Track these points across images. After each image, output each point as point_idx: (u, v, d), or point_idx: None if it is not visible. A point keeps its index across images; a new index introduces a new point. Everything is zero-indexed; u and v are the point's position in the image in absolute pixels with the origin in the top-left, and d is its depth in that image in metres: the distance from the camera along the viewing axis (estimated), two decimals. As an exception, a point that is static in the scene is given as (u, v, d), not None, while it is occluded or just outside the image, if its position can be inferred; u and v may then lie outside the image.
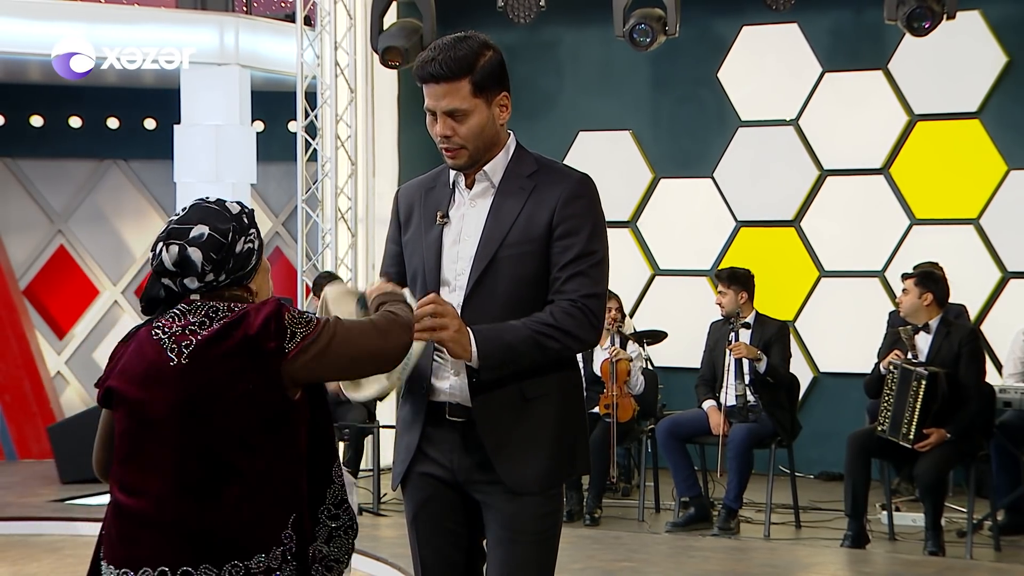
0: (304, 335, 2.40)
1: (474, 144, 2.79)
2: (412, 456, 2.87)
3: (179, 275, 2.44)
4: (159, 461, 2.41)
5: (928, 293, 6.45)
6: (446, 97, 2.75)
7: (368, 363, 2.50)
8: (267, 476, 2.40)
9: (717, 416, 6.96)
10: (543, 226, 2.78)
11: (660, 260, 9.23)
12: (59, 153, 10.61)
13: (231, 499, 2.38)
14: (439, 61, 2.74)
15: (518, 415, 2.79)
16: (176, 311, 2.46)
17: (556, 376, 2.84)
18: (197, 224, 2.44)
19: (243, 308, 2.44)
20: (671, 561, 6.10)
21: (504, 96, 2.82)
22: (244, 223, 2.49)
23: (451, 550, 2.89)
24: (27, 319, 9.94)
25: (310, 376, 2.43)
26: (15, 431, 9.26)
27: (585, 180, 2.85)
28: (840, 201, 8.79)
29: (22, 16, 8.92)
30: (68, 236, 10.76)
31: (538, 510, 2.81)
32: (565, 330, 2.76)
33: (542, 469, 2.80)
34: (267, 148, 10.02)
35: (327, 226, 9.19)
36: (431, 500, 2.87)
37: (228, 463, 2.38)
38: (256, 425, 2.40)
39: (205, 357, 2.39)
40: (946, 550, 6.24)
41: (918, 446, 6.22)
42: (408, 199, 2.95)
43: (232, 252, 2.45)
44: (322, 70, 9.19)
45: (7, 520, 6.95)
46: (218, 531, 2.37)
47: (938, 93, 8.55)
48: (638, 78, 9.21)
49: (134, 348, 2.47)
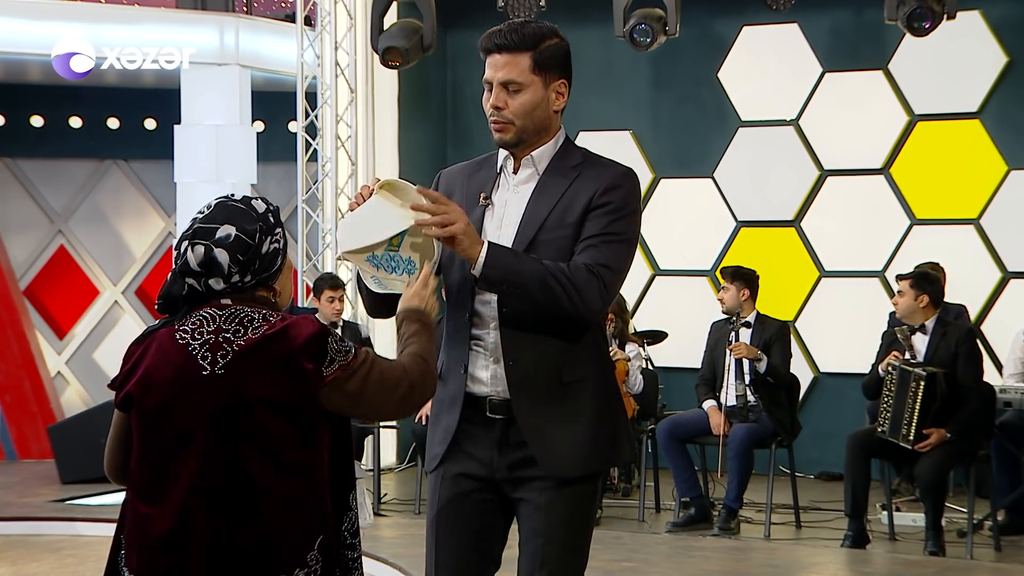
0: (342, 364, 2.36)
1: (523, 121, 2.80)
2: (448, 447, 2.83)
3: (204, 276, 2.38)
4: (183, 472, 2.34)
5: (924, 295, 6.46)
6: (505, 68, 2.78)
7: (391, 412, 2.47)
8: (294, 495, 2.34)
9: (717, 416, 6.96)
10: (580, 211, 2.78)
11: (660, 260, 9.23)
12: (59, 153, 10.61)
13: (256, 516, 2.32)
14: (506, 32, 2.79)
15: (556, 399, 2.77)
16: (205, 315, 2.38)
17: (592, 361, 2.82)
18: (224, 224, 2.39)
19: (281, 319, 2.38)
20: (671, 561, 6.09)
21: (562, 83, 2.84)
22: (270, 223, 2.44)
23: (469, 553, 2.85)
24: (27, 319, 9.94)
25: (336, 407, 2.39)
26: (15, 431, 9.26)
27: (629, 173, 2.86)
28: (840, 201, 8.79)
29: (22, 16, 8.92)
30: (68, 236, 10.76)
31: (572, 504, 2.78)
32: (574, 283, 2.71)
33: (582, 453, 2.77)
34: (267, 148, 10.02)
35: (327, 226, 9.18)
36: (458, 499, 2.83)
37: (256, 479, 2.32)
38: (287, 442, 2.34)
39: (241, 368, 2.33)
40: (946, 550, 6.24)
41: (918, 446, 6.22)
42: (451, 180, 2.94)
43: (259, 253, 2.41)
44: (322, 70, 9.19)
45: (7, 520, 6.95)
46: (242, 549, 2.32)
47: (938, 93, 8.55)
48: (638, 78, 9.21)
49: (157, 352, 2.39)
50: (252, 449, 2.33)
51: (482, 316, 2.79)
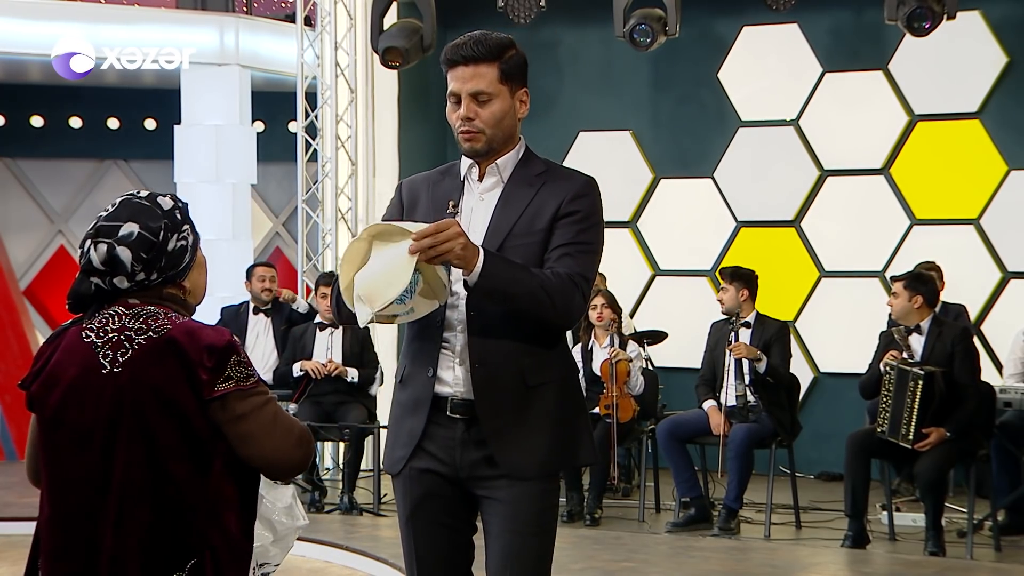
0: (239, 383, 2.31)
1: (492, 131, 2.84)
2: (413, 449, 2.87)
3: (108, 274, 2.34)
4: (79, 473, 2.31)
5: (918, 295, 6.46)
6: (473, 79, 2.82)
7: (287, 450, 2.36)
8: (170, 509, 2.30)
9: (717, 416, 6.96)
10: (548, 219, 2.84)
11: (660, 260, 9.22)
12: (59, 153, 10.62)
13: (133, 522, 2.28)
14: (470, 44, 2.83)
15: (519, 402, 2.82)
16: (112, 314, 2.36)
17: (557, 364, 2.89)
18: (127, 222, 2.35)
19: (186, 323, 2.35)
20: (671, 561, 6.09)
21: (525, 92, 2.90)
22: (176, 219, 2.40)
23: (446, 546, 2.91)
24: (27, 319, 9.94)
25: (222, 424, 2.32)
26: (15, 431, 9.26)
27: (592, 182, 2.93)
28: (840, 201, 8.79)
29: (22, 16, 8.93)
30: (68, 236, 10.77)
31: (537, 502, 2.84)
32: (560, 293, 2.77)
33: (542, 455, 2.83)
34: (267, 148, 10.03)
35: (327, 226, 9.18)
36: (429, 496, 2.88)
37: (138, 484, 2.28)
38: (173, 451, 2.29)
39: (139, 366, 2.30)
40: (946, 550, 6.24)
41: (918, 446, 6.22)
42: (413, 189, 2.98)
43: (164, 251, 2.36)
44: (322, 70, 9.19)
45: (8, 520, 6.96)
46: (120, 555, 2.27)
47: (938, 93, 8.55)
48: (638, 78, 9.21)
49: (63, 351, 2.36)
50: (142, 454, 2.28)
51: (449, 319, 2.83)
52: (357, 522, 7.15)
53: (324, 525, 6.84)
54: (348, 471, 7.50)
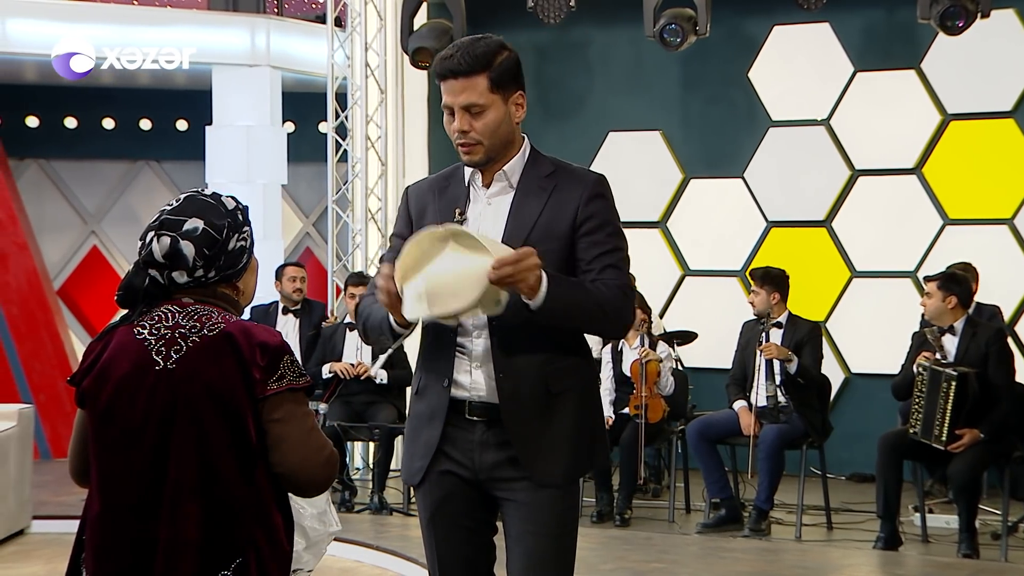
0: (291, 383, 2.33)
1: (490, 140, 2.83)
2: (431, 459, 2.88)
3: (168, 267, 2.36)
4: (130, 468, 2.32)
5: (951, 295, 6.42)
6: (464, 92, 2.81)
7: (313, 464, 2.35)
8: (219, 507, 2.31)
9: (748, 417, 6.93)
10: (566, 224, 2.83)
11: (690, 261, 9.20)
12: (92, 154, 10.71)
13: (184, 519, 2.29)
14: (458, 57, 2.81)
15: (543, 410, 2.82)
16: (165, 312, 2.37)
17: (578, 370, 2.90)
18: (192, 217, 2.36)
19: (241, 321, 2.37)
20: (701, 562, 6.08)
21: (520, 95, 2.87)
22: (239, 220, 2.42)
23: (466, 547, 2.92)
24: (61, 319, 10.02)
25: (270, 429, 2.32)
26: (49, 430, 9.34)
27: (603, 180, 2.92)
28: (872, 201, 8.74)
29: (55, 19, 9.00)
30: (101, 236, 10.85)
31: (559, 504, 2.84)
32: (615, 307, 2.82)
33: (568, 461, 2.85)
34: (298, 149, 10.07)
35: (357, 227, 9.21)
36: (449, 498, 2.89)
37: (190, 481, 2.29)
38: (228, 447, 2.30)
39: (193, 363, 2.31)
40: (980, 552, 6.20)
41: (951, 447, 6.18)
42: (420, 197, 2.97)
43: (225, 249, 2.39)
44: (352, 71, 9.22)
45: (43, 519, 7.01)
46: (172, 550, 2.28)
47: (972, 92, 8.48)
48: (668, 78, 9.19)
49: (115, 348, 2.37)
50: (194, 451, 2.30)
51: (464, 324, 2.83)
52: (387, 522, 7.18)
53: (354, 525, 6.87)
54: (378, 471, 7.52)
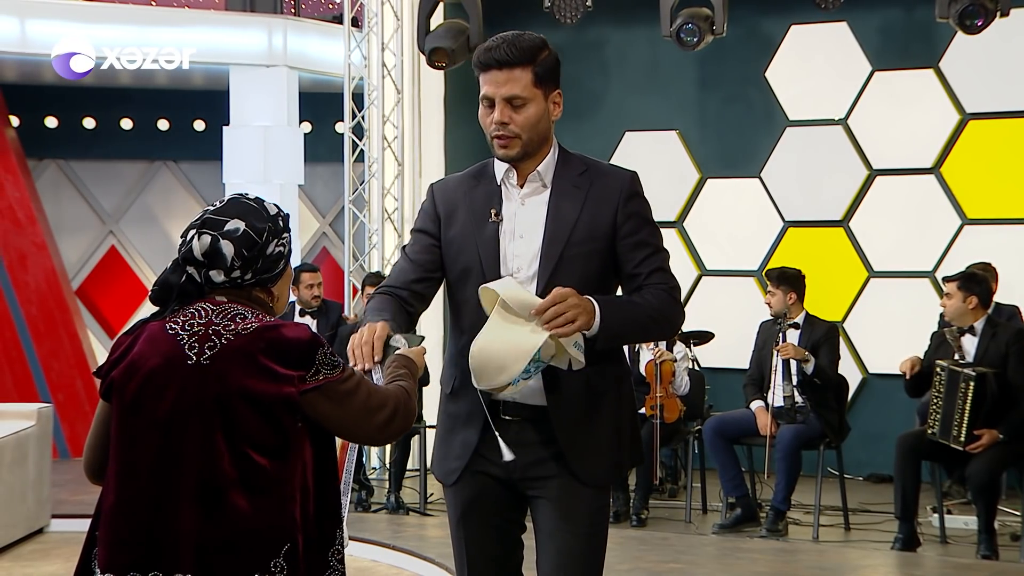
0: (327, 376, 2.35)
1: (528, 135, 2.81)
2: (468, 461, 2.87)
3: (206, 266, 2.38)
4: (151, 460, 2.32)
5: (972, 296, 6.39)
6: (508, 84, 2.78)
7: (372, 431, 2.42)
8: (264, 497, 2.31)
9: (765, 417, 6.92)
10: (607, 224, 2.84)
11: (707, 260, 9.18)
12: (110, 154, 10.74)
13: (222, 515, 2.29)
14: (504, 48, 2.79)
15: (587, 409, 2.83)
16: (198, 309, 2.38)
17: (615, 369, 2.90)
18: (234, 218, 2.39)
19: (274, 321, 2.38)
20: (718, 562, 6.07)
21: (558, 94, 2.87)
22: (279, 225, 2.45)
23: (496, 547, 2.92)
24: (79, 319, 10.06)
25: (319, 415, 2.36)
26: (68, 430, 9.38)
27: (637, 177, 2.93)
28: (890, 201, 8.71)
29: (76, 20, 9.03)
30: (119, 236, 10.89)
31: (595, 503, 2.85)
32: (669, 314, 2.86)
33: (611, 461, 2.87)
34: (314, 149, 10.09)
35: (374, 227, 9.23)
36: (481, 497, 2.89)
37: (226, 476, 2.30)
38: (260, 445, 2.31)
39: (227, 360, 2.32)
40: (999, 553, 6.17)
41: (970, 448, 6.15)
42: (448, 195, 2.93)
43: (263, 252, 2.40)
44: (369, 71, 9.23)
45: (61, 517, 7.04)
46: (205, 547, 2.29)
47: (990, 92, 8.44)
48: (685, 78, 9.17)
49: (146, 341, 2.37)
50: (225, 445, 2.30)
51: None
52: (403, 521, 7.18)
53: (371, 524, 6.87)
54: (395, 471, 7.53)
